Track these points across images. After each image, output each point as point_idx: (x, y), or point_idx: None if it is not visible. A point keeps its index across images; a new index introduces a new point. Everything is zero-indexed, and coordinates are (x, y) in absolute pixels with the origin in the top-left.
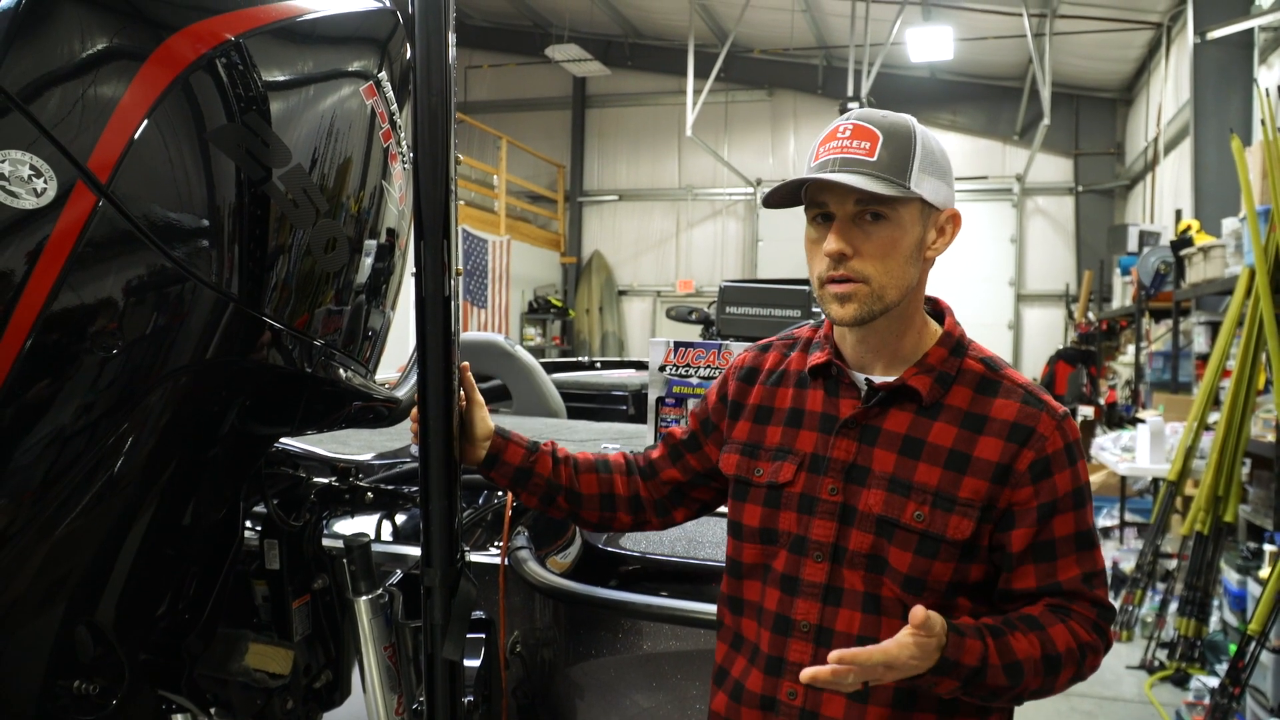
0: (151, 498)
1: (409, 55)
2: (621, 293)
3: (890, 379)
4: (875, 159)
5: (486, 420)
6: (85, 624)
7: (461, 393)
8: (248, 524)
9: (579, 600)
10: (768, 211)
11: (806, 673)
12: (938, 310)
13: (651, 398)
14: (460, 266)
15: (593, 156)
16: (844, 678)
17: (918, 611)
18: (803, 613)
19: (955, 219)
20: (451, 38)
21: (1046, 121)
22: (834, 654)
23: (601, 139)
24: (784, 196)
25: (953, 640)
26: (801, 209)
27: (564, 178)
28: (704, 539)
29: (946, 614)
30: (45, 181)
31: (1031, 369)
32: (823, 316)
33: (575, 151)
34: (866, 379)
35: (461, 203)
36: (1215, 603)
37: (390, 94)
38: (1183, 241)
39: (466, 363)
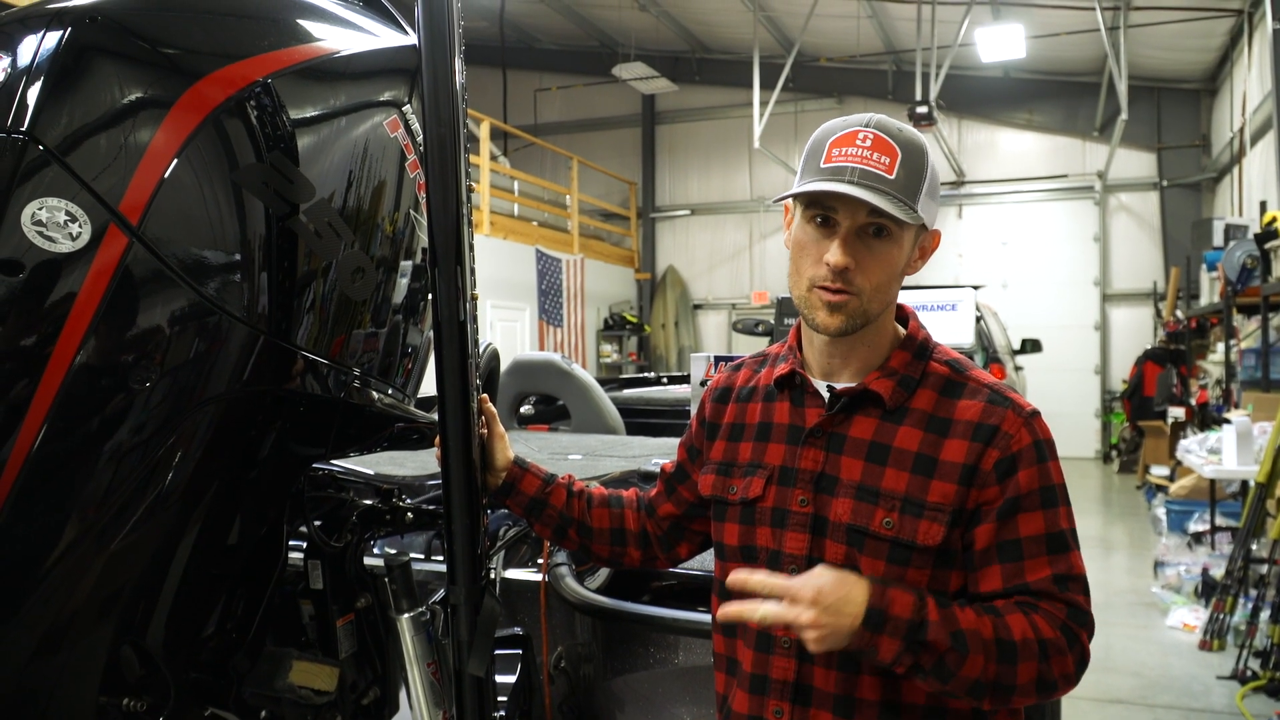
0: (196, 517)
1: None
2: (697, 306)
3: (853, 385)
4: (894, 177)
5: (506, 450)
6: (133, 644)
7: (482, 420)
8: (297, 544)
9: (613, 616)
10: None
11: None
12: (903, 316)
13: (694, 411)
14: (475, 291)
15: (664, 172)
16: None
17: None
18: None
19: (935, 238)
20: (459, 65)
21: (1124, 116)
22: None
23: (672, 154)
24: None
25: (875, 590)
26: None
27: (636, 194)
28: None
29: None
30: (80, 226)
31: (1120, 370)
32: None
33: (646, 168)
34: (829, 386)
35: (534, 223)
36: None
37: (417, 126)
38: (1268, 234)
39: (486, 394)
